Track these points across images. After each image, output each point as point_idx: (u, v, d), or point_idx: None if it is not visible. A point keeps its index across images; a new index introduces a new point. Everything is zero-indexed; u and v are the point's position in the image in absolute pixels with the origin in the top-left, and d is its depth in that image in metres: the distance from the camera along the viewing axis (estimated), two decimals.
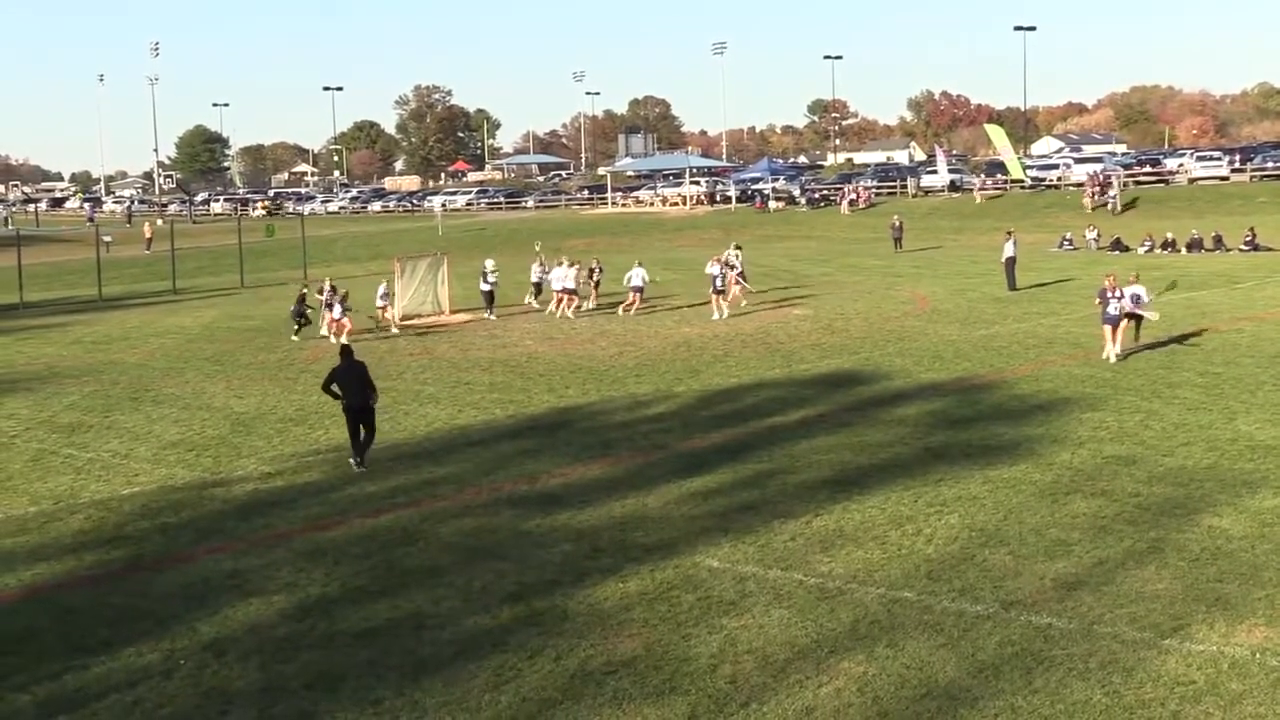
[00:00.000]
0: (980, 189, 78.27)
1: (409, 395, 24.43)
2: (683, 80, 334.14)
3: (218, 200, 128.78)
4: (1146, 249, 52.18)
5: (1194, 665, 10.64)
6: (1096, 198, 69.23)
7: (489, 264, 37.65)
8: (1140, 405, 20.95)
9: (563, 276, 36.39)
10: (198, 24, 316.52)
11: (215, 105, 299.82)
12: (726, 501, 16.15)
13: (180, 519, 16.37)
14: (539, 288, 38.94)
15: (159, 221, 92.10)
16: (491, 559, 14.18)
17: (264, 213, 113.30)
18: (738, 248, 39.64)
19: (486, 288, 36.89)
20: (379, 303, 35.15)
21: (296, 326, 33.90)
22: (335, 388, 18.57)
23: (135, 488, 18.06)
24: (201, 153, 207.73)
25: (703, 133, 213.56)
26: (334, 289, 33.52)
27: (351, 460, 18.55)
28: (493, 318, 36.15)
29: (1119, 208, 67.40)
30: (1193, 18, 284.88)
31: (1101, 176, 73.07)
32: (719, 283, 34.85)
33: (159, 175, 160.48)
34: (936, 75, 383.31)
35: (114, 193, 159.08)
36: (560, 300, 36.25)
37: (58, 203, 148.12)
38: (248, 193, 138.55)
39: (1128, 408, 20.79)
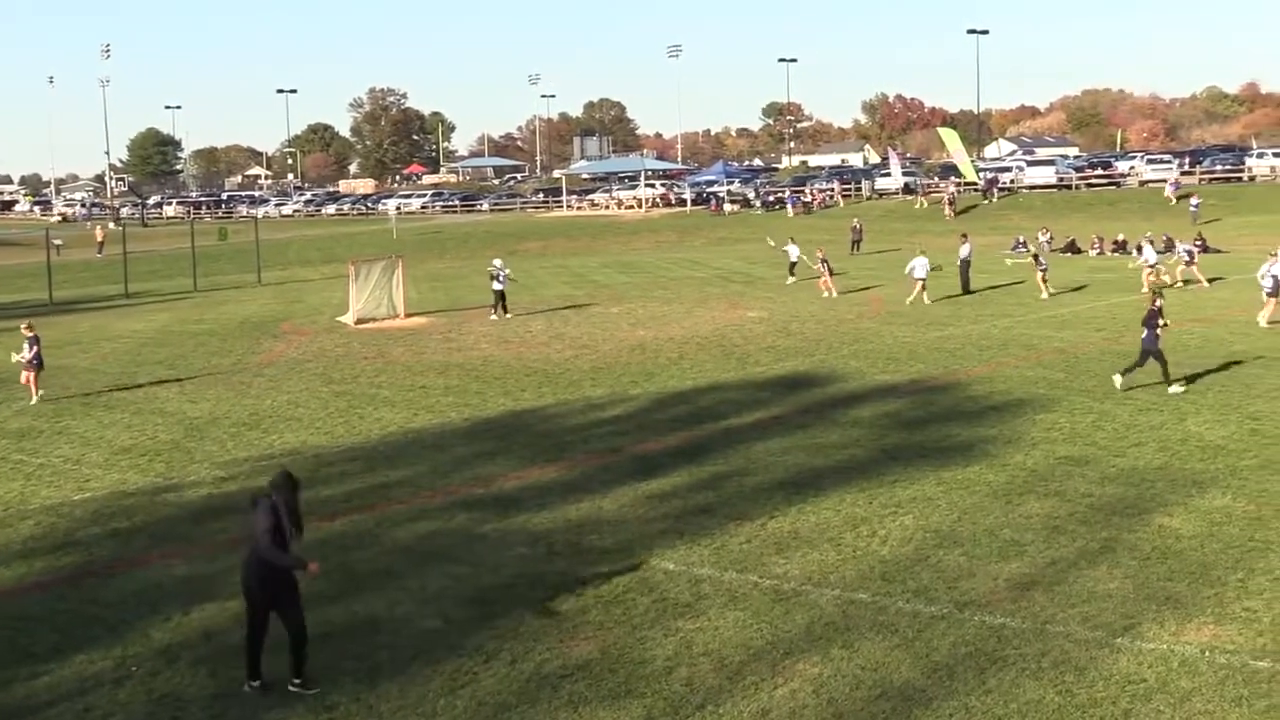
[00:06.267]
0: (805, 200, 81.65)
1: (364, 399, 24.30)
2: (638, 83, 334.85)
3: (170, 204, 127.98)
4: (1098, 251, 52.77)
5: (1145, 664, 10.75)
6: (950, 205, 73.37)
7: (498, 262, 37.49)
8: (1093, 406, 21.14)
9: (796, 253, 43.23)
10: (149, 26, 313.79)
11: (168, 108, 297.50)
12: (682, 504, 16.16)
13: (133, 524, 16.22)
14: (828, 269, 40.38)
15: (111, 225, 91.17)
16: (446, 562, 14.13)
17: (60, 217, 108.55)
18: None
19: (498, 287, 36.78)
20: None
21: None
22: None
23: (87, 493, 17.87)
24: (154, 155, 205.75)
25: (658, 135, 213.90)
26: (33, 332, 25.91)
27: None
28: (494, 317, 36.09)
29: (953, 215, 71.68)
30: (1143, 22, 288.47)
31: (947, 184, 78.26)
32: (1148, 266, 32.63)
33: (110, 178, 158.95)
34: (890, 78, 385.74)
35: (64, 195, 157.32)
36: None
37: (6, 205, 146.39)
38: (200, 196, 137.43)
39: (1080, 409, 20.97)
